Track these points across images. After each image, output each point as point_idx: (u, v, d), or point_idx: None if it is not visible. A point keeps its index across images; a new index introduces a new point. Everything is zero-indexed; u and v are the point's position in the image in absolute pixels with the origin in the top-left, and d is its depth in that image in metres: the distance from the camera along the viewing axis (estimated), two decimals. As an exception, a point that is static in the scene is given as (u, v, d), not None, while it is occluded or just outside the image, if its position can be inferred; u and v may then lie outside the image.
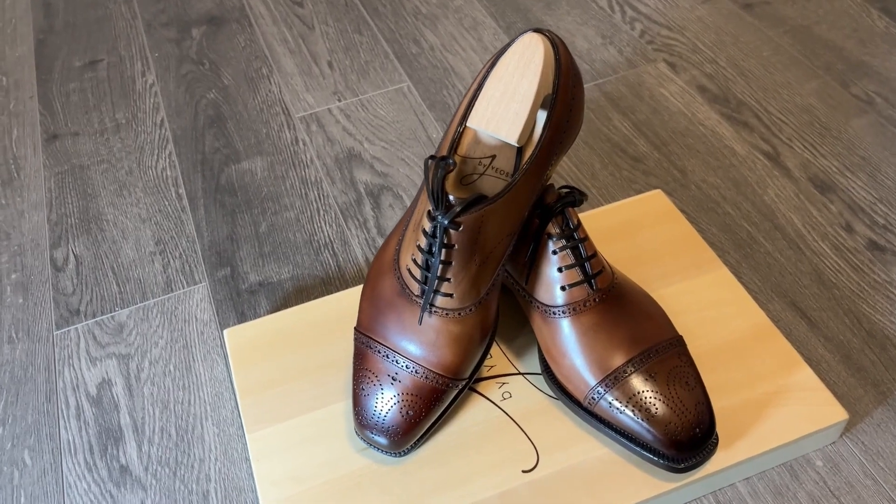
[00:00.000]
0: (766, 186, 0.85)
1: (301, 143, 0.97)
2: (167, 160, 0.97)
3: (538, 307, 0.62)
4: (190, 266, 0.84)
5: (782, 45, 1.03)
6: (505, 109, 0.51)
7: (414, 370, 0.58)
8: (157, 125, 1.02)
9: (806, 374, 0.64)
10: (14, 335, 0.79)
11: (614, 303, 0.61)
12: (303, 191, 0.91)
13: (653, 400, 0.58)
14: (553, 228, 0.60)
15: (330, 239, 0.85)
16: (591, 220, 0.79)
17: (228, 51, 1.13)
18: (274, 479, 0.62)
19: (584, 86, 1.00)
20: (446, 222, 0.50)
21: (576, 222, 0.60)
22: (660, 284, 0.72)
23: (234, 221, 0.88)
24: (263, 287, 0.81)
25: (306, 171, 0.93)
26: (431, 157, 0.51)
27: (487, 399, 0.65)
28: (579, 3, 1.14)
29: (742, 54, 1.03)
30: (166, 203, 0.91)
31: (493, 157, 0.56)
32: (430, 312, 0.56)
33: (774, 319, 0.73)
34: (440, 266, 0.53)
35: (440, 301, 0.55)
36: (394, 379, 0.58)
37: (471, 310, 0.56)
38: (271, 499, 0.60)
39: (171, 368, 0.75)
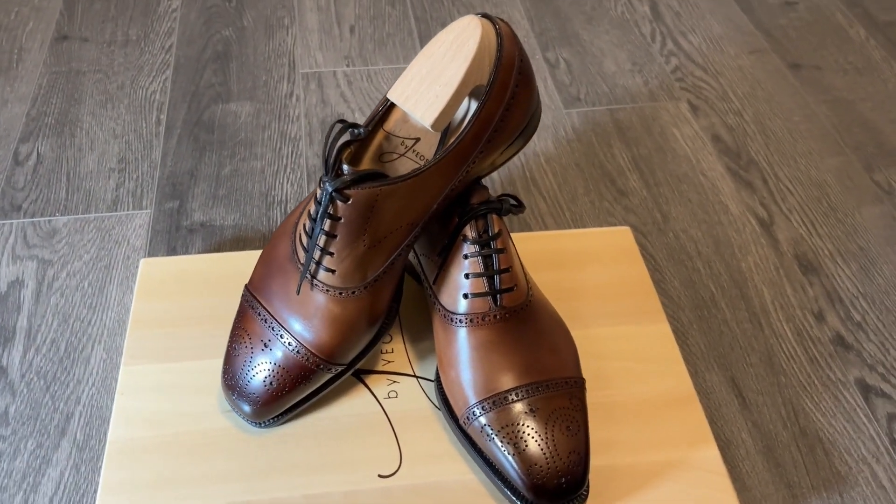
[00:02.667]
0: (747, 253, 0.79)
1: (294, 98, 0.95)
2: (160, 84, 0.96)
3: (439, 310, 0.58)
4: (142, 190, 0.82)
5: (817, 114, 0.97)
6: (426, 90, 0.47)
7: (287, 342, 0.55)
8: (164, 49, 1.01)
9: (711, 455, 0.59)
10: (-49, 215, 0.79)
11: (519, 325, 0.57)
12: (279, 144, 0.89)
13: (525, 435, 0.53)
14: (470, 231, 0.56)
15: (286, 198, 0.83)
16: (549, 240, 0.74)
17: (259, -6, 1.12)
18: (130, 416, 0.59)
19: (598, 108, 0.95)
20: (330, 189, 0.47)
21: (496, 231, 0.56)
22: (593, 322, 0.67)
23: (201, 158, 0.86)
24: (204, 228, 0.79)
25: (289, 125, 0.91)
26: (340, 120, 0.48)
27: (371, 393, 0.61)
28: (622, 25, 1.09)
29: (771, 113, 0.97)
30: (143, 125, 0.90)
31: (418, 140, 0.53)
32: (312, 286, 0.53)
33: (707, 391, 0.68)
34: (323, 237, 0.49)
35: (322, 275, 0.52)
36: (266, 346, 0.55)
37: (354, 292, 0.52)
38: (120, 435, 0.58)
39: (86, 285, 0.73)
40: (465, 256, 0.56)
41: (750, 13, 1.12)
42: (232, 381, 0.56)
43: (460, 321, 0.56)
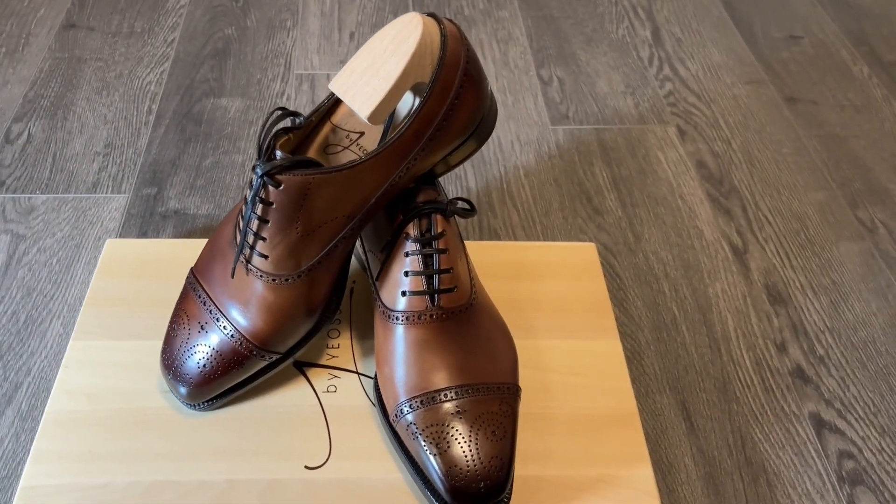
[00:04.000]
0: (716, 279, 0.79)
1: (285, 97, 0.96)
2: (157, 76, 0.98)
3: (379, 306, 0.58)
4: (123, 175, 0.84)
5: (807, 148, 0.96)
6: (365, 83, 0.48)
7: (223, 326, 0.55)
8: (166, 43, 1.03)
9: (644, 475, 0.58)
10: (-64, 185, 0.81)
11: (457, 326, 0.57)
12: (263, 141, 0.90)
13: (448, 437, 0.53)
14: (412, 230, 0.56)
15: (262, 192, 0.84)
16: (513, 250, 0.74)
17: (266, -4, 1.14)
18: (70, 389, 0.60)
19: (584, 127, 0.96)
20: (261, 173, 0.47)
21: (439, 231, 0.56)
22: (544, 334, 0.67)
23: (185, 148, 0.88)
24: (178, 215, 0.80)
25: (276, 124, 0.92)
26: (280, 108, 0.49)
27: (311, 385, 0.62)
28: (620, 48, 1.09)
29: (760, 143, 0.96)
30: (135, 113, 0.92)
31: (362, 133, 0.53)
32: (248, 271, 0.53)
33: (655, 412, 0.67)
34: (256, 221, 0.50)
35: (256, 260, 0.52)
36: (202, 328, 0.56)
37: (288, 280, 0.53)
38: (58, 406, 0.59)
39: (54, 262, 0.74)
40: (407, 254, 0.56)
41: (752, 44, 1.12)
42: (169, 360, 0.57)
43: (398, 318, 0.56)
